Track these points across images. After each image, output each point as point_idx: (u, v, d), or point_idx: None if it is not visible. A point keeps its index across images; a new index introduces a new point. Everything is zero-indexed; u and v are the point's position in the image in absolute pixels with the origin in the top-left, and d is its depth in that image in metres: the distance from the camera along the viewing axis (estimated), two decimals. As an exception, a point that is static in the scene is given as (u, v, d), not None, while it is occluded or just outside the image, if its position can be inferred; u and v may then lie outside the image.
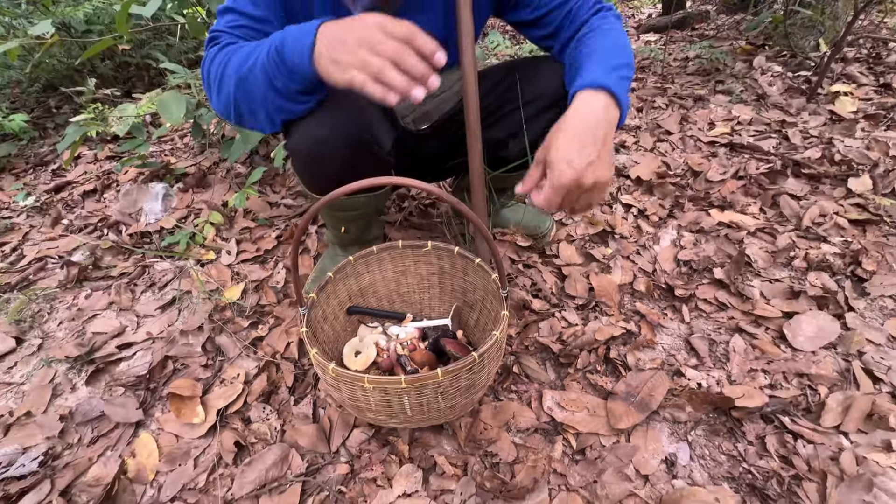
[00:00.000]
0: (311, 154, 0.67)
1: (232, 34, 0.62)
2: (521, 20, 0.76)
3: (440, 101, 0.87)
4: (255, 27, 0.64)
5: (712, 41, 2.34)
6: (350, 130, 0.65)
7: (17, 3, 2.11)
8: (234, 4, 0.64)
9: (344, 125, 0.65)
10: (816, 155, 1.40)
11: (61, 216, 1.47)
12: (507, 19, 0.79)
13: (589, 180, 0.53)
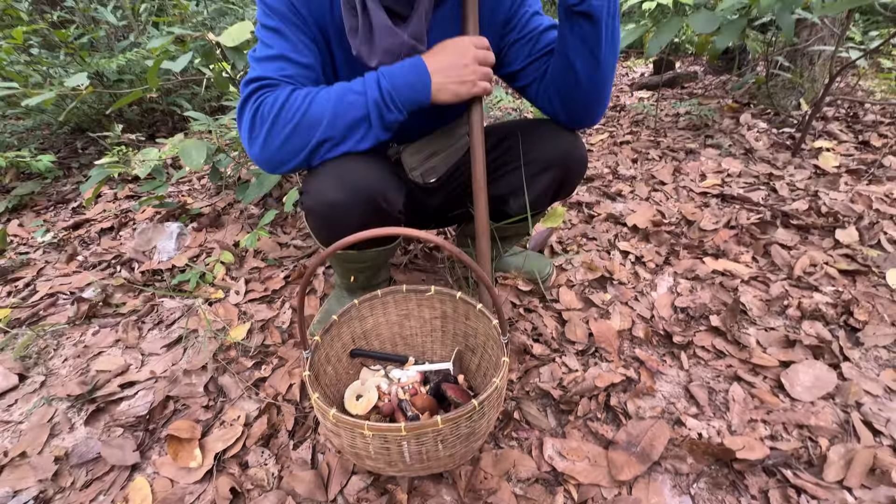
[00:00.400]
0: (325, 216, 0.72)
1: (287, 81, 0.66)
2: (509, 73, 0.82)
3: (446, 155, 0.94)
4: (303, 74, 0.68)
5: (701, 99, 2.49)
6: (363, 195, 0.69)
7: (56, 54, 2.28)
8: (282, 52, 0.67)
9: (357, 189, 0.69)
10: (804, 207, 1.46)
11: (77, 252, 1.52)
12: (499, 74, 0.86)
13: None
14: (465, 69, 0.65)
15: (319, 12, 0.68)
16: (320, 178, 0.69)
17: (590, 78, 0.69)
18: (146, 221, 1.65)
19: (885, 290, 1.11)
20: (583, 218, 1.52)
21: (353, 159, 0.70)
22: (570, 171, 0.85)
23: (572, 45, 0.66)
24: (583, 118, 0.78)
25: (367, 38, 0.68)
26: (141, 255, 1.45)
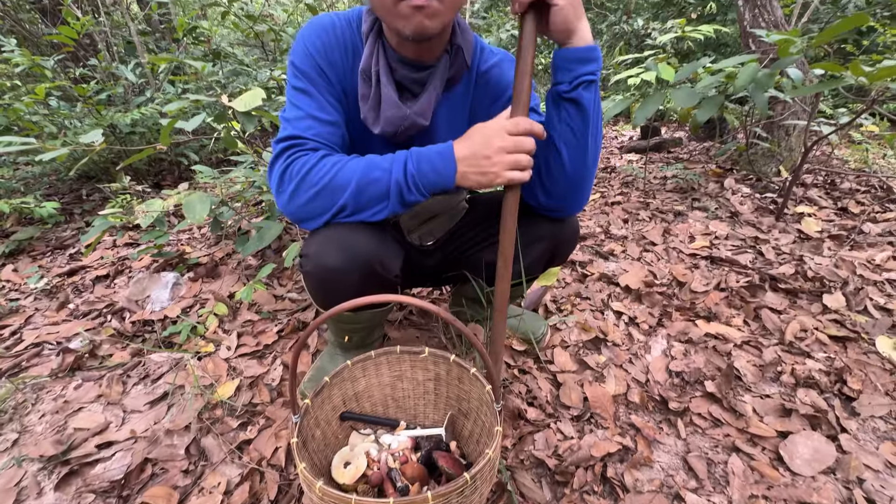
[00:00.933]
0: (323, 280, 0.74)
1: (316, 140, 0.70)
2: None
3: (444, 219, 0.97)
4: (329, 130, 0.72)
5: (686, 163, 2.62)
6: (361, 261, 0.72)
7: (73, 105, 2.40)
8: (310, 112, 0.71)
9: (356, 256, 0.71)
10: (790, 271, 1.50)
11: (68, 300, 1.50)
12: None
13: None
14: (488, 161, 0.64)
15: (343, 75, 0.75)
16: (320, 242, 0.72)
17: (573, 164, 0.72)
18: (143, 270, 1.66)
19: (875, 358, 1.11)
20: (576, 277, 1.55)
21: (353, 224, 0.72)
22: (561, 244, 0.88)
23: (559, 131, 0.70)
24: (564, 206, 0.80)
25: (375, 107, 0.74)
26: (134, 304, 1.44)
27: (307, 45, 0.72)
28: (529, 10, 0.61)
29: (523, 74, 0.63)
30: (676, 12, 5.63)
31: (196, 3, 3.29)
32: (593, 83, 0.66)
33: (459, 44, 0.73)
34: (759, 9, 2.40)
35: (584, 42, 0.63)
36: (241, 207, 1.68)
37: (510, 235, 0.71)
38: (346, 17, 0.75)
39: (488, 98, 0.81)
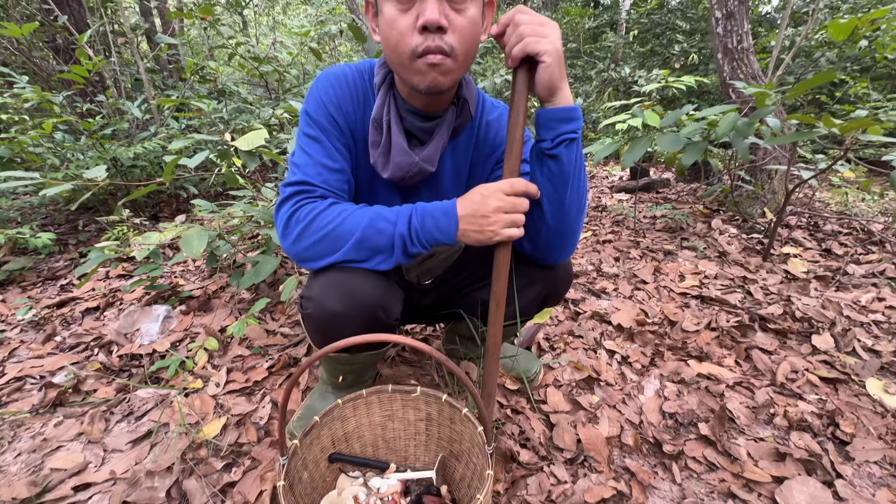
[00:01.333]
0: (324, 324, 0.74)
1: (324, 187, 0.74)
2: None
3: (443, 258, 0.99)
4: (335, 177, 0.76)
5: (674, 203, 2.70)
6: (363, 307, 0.73)
7: (77, 138, 2.45)
8: (319, 159, 0.75)
9: (358, 302, 0.72)
10: (779, 311, 1.52)
11: (55, 332, 1.48)
12: None
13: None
14: (486, 220, 0.67)
15: (353, 122, 0.79)
16: (323, 285, 0.73)
17: (555, 218, 0.74)
18: (134, 302, 1.64)
19: (867, 401, 1.12)
20: (569, 314, 1.56)
21: (355, 268, 0.74)
22: (555, 287, 0.90)
23: (541, 185, 0.73)
24: (547, 257, 0.82)
25: (385, 153, 0.78)
26: (122, 337, 1.42)
27: (321, 94, 0.76)
28: (522, 65, 0.66)
29: (516, 125, 0.68)
30: (661, 61, 5.97)
31: (204, 45, 3.45)
32: (574, 141, 0.70)
33: (465, 97, 0.78)
34: (737, 62, 2.56)
35: (565, 102, 0.68)
36: (237, 241, 1.70)
37: (502, 286, 0.73)
38: (358, 69, 0.80)
39: (488, 148, 0.85)
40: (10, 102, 1.97)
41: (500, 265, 0.73)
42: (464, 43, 0.65)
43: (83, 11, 3.26)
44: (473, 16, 0.65)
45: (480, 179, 0.89)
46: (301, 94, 3.52)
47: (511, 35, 0.64)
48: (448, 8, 0.63)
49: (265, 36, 12.70)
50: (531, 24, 0.62)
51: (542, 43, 0.62)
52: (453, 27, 0.63)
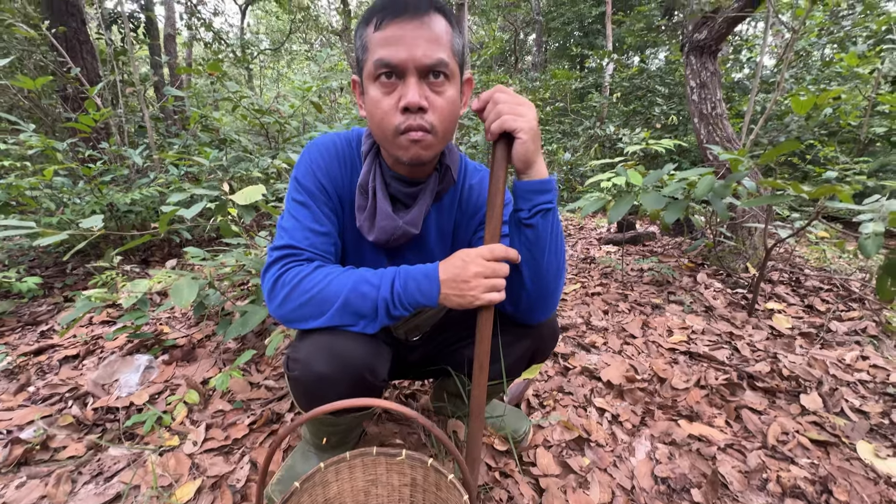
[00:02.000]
0: (311, 387, 0.74)
1: (310, 251, 0.76)
2: None
3: (431, 314, 1.00)
4: (322, 240, 0.79)
5: (660, 257, 2.77)
6: (351, 371, 0.73)
7: (75, 182, 2.48)
8: (306, 224, 0.78)
9: (346, 365, 0.73)
10: (766, 369, 1.53)
11: (30, 382, 1.43)
12: None
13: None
14: (467, 285, 0.69)
15: (341, 187, 0.83)
16: (309, 347, 0.73)
17: (533, 282, 0.77)
18: (116, 350, 1.60)
19: (859, 465, 1.10)
20: (559, 369, 1.55)
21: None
22: (542, 343, 0.91)
23: (520, 251, 0.75)
24: (530, 318, 0.84)
25: (371, 217, 0.81)
26: (100, 389, 1.37)
27: (310, 162, 0.81)
28: (500, 139, 0.71)
29: (496, 192, 0.72)
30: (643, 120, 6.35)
31: (210, 97, 3.61)
32: (550, 210, 0.73)
33: (448, 163, 0.83)
34: (712, 126, 2.74)
35: (540, 175, 0.72)
36: (227, 288, 1.69)
37: (485, 349, 0.75)
38: (346, 138, 0.85)
39: (471, 210, 0.90)
40: (14, 149, 2.02)
41: (483, 328, 0.74)
42: (443, 121, 0.71)
43: (96, 63, 3.43)
44: (452, 96, 0.72)
45: (464, 240, 0.92)
46: (301, 143, 3.66)
47: (490, 112, 0.69)
48: (428, 90, 0.69)
49: (269, 87, 13.35)
50: (509, 103, 0.67)
51: (519, 121, 0.66)
52: (433, 107, 0.69)
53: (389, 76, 0.68)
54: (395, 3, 0.66)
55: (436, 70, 0.68)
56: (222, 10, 12.49)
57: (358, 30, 0.72)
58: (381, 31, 0.67)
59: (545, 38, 13.15)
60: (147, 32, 5.85)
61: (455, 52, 0.71)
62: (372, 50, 0.68)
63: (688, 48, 2.84)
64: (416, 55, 0.66)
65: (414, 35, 0.66)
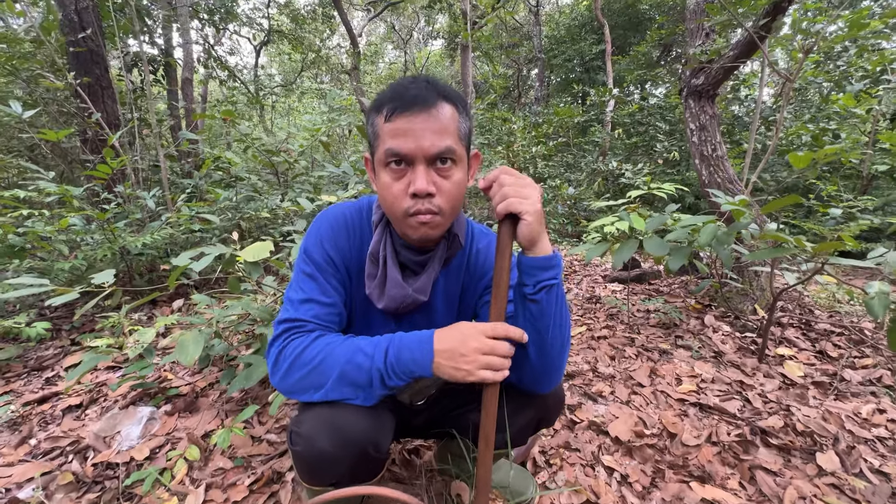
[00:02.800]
0: (313, 464, 0.74)
1: (314, 322, 0.78)
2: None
3: (434, 380, 1.00)
4: (327, 311, 0.80)
5: (667, 297, 2.75)
6: (353, 447, 0.73)
7: (89, 223, 2.55)
8: (311, 296, 0.80)
9: (348, 442, 0.73)
10: (780, 423, 1.48)
11: (31, 434, 1.42)
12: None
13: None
14: (463, 358, 0.69)
15: (349, 258, 0.85)
16: (312, 421, 0.73)
17: (538, 356, 0.76)
18: (119, 398, 1.60)
19: (882, 537, 1.05)
20: (565, 422, 1.52)
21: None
22: (547, 412, 0.90)
23: (523, 325, 0.75)
24: (531, 389, 0.83)
25: (381, 285, 0.83)
26: (101, 442, 1.36)
27: (320, 233, 0.84)
28: (505, 218, 0.72)
29: (502, 269, 0.73)
30: (646, 154, 6.45)
31: (222, 140, 3.74)
32: (554, 286, 0.74)
33: (455, 231, 0.85)
34: (713, 168, 2.78)
35: (544, 251, 0.72)
36: (232, 334, 1.70)
37: (491, 425, 0.74)
38: (357, 208, 0.88)
39: (478, 273, 0.91)
40: (34, 195, 2.09)
41: (489, 404, 0.74)
42: (451, 202, 0.74)
43: (116, 107, 3.59)
44: (459, 179, 0.75)
45: (470, 303, 0.93)
46: (309, 181, 3.75)
47: (496, 193, 0.71)
48: (436, 175, 0.72)
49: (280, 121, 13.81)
50: (514, 185, 0.70)
51: (524, 204, 0.68)
52: (441, 191, 0.73)
53: (399, 163, 0.72)
54: (404, 97, 0.70)
55: (443, 157, 0.71)
56: (238, 50, 13.09)
57: (370, 116, 0.76)
58: (390, 122, 0.70)
59: (547, 73, 13.59)
60: (165, 75, 6.13)
61: (462, 136, 0.75)
62: (382, 139, 0.72)
63: (686, 92, 2.92)
64: (423, 146, 0.69)
65: (422, 127, 0.69)
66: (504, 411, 0.89)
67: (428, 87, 0.72)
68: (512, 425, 0.89)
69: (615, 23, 11.25)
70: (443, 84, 0.74)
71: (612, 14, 11.25)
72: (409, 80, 0.74)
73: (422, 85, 0.72)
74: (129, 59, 5.06)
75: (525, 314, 0.76)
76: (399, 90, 0.71)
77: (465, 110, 0.77)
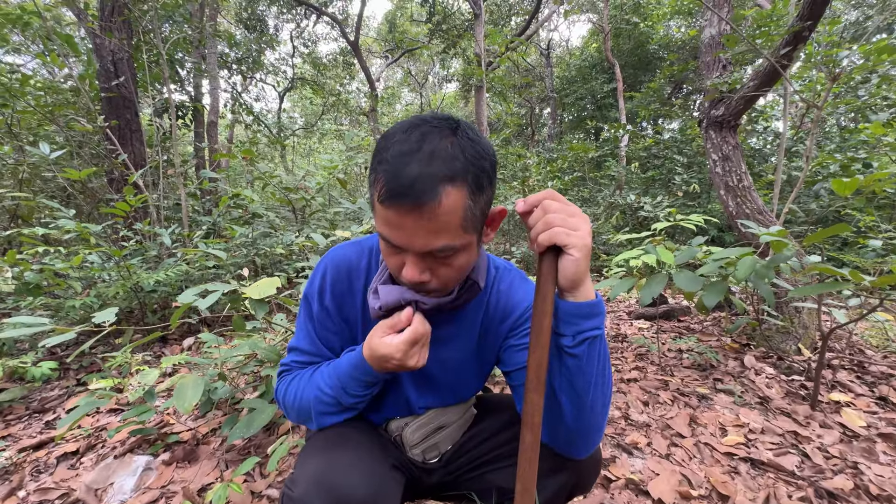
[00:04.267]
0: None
1: (299, 366, 0.83)
2: (504, 371, 0.84)
3: (452, 430, 0.88)
4: (312, 360, 0.83)
5: (699, 335, 2.57)
6: (359, 498, 0.63)
7: (106, 260, 2.56)
8: (296, 344, 0.83)
9: (353, 491, 0.63)
10: (849, 485, 1.29)
11: (22, 485, 1.33)
12: (500, 369, 0.87)
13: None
14: (387, 363, 0.70)
15: (350, 309, 0.81)
16: (305, 483, 0.64)
17: (575, 417, 0.66)
18: (118, 444, 1.51)
19: None
20: (599, 480, 1.35)
21: (346, 456, 0.67)
22: (582, 478, 0.77)
23: (559, 383, 0.66)
24: (565, 450, 0.72)
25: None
26: (92, 495, 1.26)
27: (321, 279, 0.80)
28: (548, 251, 0.61)
29: (543, 314, 0.60)
30: (664, 186, 6.35)
31: (243, 178, 3.83)
32: (598, 338, 0.64)
33: (474, 278, 0.75)
34: (741, 199, 2.67)
35: (588, 296, 0.62)
36: (238, 376, 1.61)
37: (531, 472, 0.62)
38: (361, 248, 0.82)
39: (499, 317, 0.81)
40: (54, 233, 2.12)
41: (531, 418, 0.62)
42: (451, 282, 0.68)
43: (143, 149, 3.73)
44: (462, 262, 0.65)
45: (494, 346, 0.83)
46: (326, 217, 3.76)
47: (538, 220, 0.60)
48: (433, 262, 0.64)
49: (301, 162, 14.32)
50: (561, 212, 0.59)
51: (573, 237, 0.58)
52: (437, 276, 0.65)
53: (392, 245, 0.63)
54: (397, 183, 0.56)
55: (440, 252, 0.62)
56: (263, 96, 13.87)
57: (372, 169, 0.62)
58: (383, 206, 0.59)
59: (560, 111, 13.88)
60: (193, 119, 6.45)
61: (470, 224, 0.61)
62: (376, 215, 0.62)
63: (706, 123, 2.86)
64: (414, 244, 0.60)
65: (413, 225, 0.58)
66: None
67: (436, 164, 0.56)
68: (542, 490, 0.76)
69: (625, 62, 11.52)
70: (458, 150, 0.58)
71: (621, 54, 11.55)
72: (415, 143, 0.57)
73: (428, 160, 0.56)
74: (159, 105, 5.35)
75: (562, 370, 0.65)
76: (396, 166, 0.57)
77: (481, 181, 0.60)
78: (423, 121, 0.61)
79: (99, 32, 3.43)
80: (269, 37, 10.07)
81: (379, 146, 0.61)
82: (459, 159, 0.58)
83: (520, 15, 12.66)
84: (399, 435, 0.85)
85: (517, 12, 12.76)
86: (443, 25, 10.99)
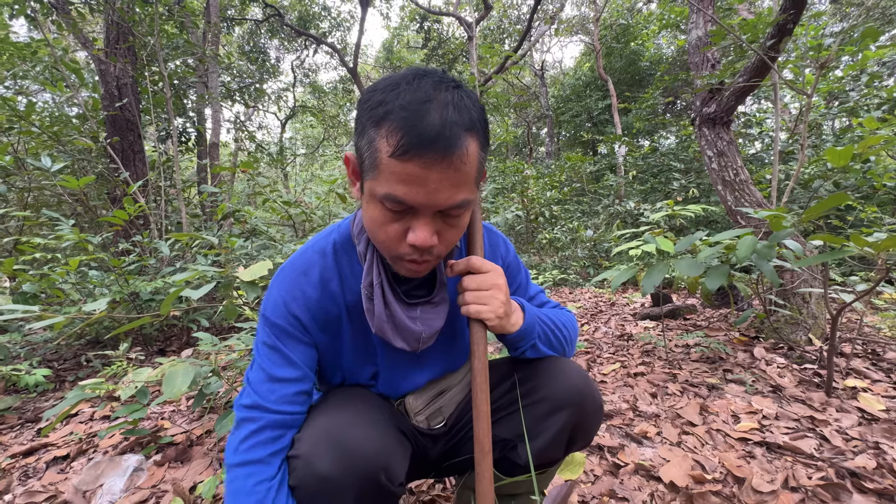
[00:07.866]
0: (314, 495, 0.60)
1: (275, 409, 0.65)
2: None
3: (455, 392, 0.86)
4: (293, 387, 0.67)
5: (707, 331, 2.51)
6: (362, 471, 0.60)
7: (106, 272, 2.56)
8: (271, 372, 0.67)
9: (356, 464, 0.59)
10: (871, 464, 1.22)
11: (9, 490, 1.28)
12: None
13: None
14: None
15: (324, 308, 0.71)
16: (311, 438, 0.61)
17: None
18: (109, 448, 1.47)
19: None
20: (607, 467, 1.29)
21: (352, 414, 0.65)
22: (585, 413, 0.74)
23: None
24: None
25: (392, 329, 0.70)
26: (80, 497, 1.22)
27: (279, 292, 0.70)
28: (471, 320, 0.69)
29: (480, 370, 0.67)
30: (662, 196, 6.37)
31: (244, 192, 3.87)
32: (534, 346, 0.77)
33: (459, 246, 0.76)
34: (738, 192, 2.66)
35: (514, 330, 0.72)
36: (236, 376, 1.58)
37: (484, 410, 0.65)
38: (320, 250, 0.73)
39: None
40: (51, 243, 2.13)
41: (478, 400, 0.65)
42: (450, 245, 0.63)
43: (145, 169, 3.79)
44: (465, 220, 0.63)
45: None
46: (324, 231, 3.77)
47: (460, 293, 0.68)
48: (442, 223, 0.59)
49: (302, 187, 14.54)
50: (476, 291, 0.66)
51: (483, 311, 0.66)
52: (443, 239, 0.61)
53: (399, 209, 0.57)
54: (423, 131, 0.51)
55: (455, 208, 0.58)
56: (266, 125, 14.23)
57: (366, 126, 0.55)
58: (399, 160, 0.52)
59: (556, 129, 14.12)
60: (197, 144, 6.59)
61: (479, 177, 0.60)
62: (382, 174, 0.54)
63: (699, 121, 2.89)
64: (437, 200, 0.55)
65: (439, 178, 0.53)
66: (529, 415, 0.75)
67: (455, 113, 0.53)
68: (543, 433, 0.73)
69: (618, 79, 11.78)
70: (468, 101, 0.55)
71: (613, 72, 11.82)
72: (428, 91, 0.53)
73: (447, 109, 0.52)
74: (162, 132, 5.48)
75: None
76: (415, 115, 0.51)
77: (487, 135, 0.60)
78: (425, 71, 0.56)
79: (104, 58, 3.55)
80: (271, 66, 10.40)
81: (375, 99, 0.54)
82: (473, 110, 0.55)
83: (512, 37, 13.07)
84: (402, 403, 0.82)
85: (510, 34, 13.18)
86: (438, 50, 11.35)
